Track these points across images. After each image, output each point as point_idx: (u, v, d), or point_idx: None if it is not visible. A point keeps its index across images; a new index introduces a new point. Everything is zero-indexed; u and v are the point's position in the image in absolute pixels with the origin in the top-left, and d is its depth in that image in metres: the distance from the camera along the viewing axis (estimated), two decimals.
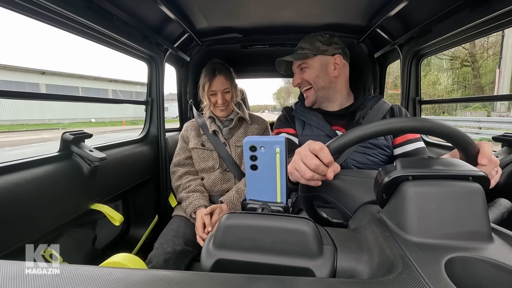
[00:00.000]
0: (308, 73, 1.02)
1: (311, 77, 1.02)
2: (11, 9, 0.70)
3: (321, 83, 1.01)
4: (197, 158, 1.31)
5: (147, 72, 1.40)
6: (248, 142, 0.43)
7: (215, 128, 1.31)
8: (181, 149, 1.35)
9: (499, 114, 13.58)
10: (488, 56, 18.34)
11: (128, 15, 1.00)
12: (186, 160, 1.33)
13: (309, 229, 0.33)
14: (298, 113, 1.08)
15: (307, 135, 1.01)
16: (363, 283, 0.28)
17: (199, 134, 1.35)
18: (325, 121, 1.00)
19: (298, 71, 1.06)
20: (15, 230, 0.70)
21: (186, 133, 1.37)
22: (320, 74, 1.01)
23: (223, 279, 0.28)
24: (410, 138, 0.94)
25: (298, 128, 1.05)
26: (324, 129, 0.99)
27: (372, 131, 0.48)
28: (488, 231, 0.34)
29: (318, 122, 1.01)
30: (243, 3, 1.09)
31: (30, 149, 8.89)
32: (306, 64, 1.02)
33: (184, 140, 1.36)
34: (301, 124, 1.05)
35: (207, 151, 1.31)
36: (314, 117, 1.02)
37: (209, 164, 1.29)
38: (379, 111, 0.99)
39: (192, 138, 1.34)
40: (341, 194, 0.54)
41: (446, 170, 0.38)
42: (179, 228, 1.12)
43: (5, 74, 18.50)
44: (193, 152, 1.33)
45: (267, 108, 76.21)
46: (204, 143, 1.32)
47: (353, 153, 0.95)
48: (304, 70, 1.03)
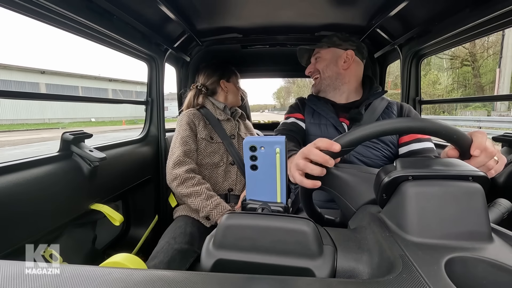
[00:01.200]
0: (320, 62, 1.10)
1: (320, 66, 1.09)
2: (11, 9, 0.70)
3: (328, 73, 1.07)
4: (203, 151, 1.23)
5: (147, 72, 1.40)
6: (248, 142, 0.43)
7: (229, 117, 1.35)
8: (190, 137, 1.19)
9: (499, 114, 13.57)
10: (488, 56, 18.33)
11: (128, 15, 1.00)
12: (193, 153, 1.19)
13: (309, 229, 0.33)
14: (310, 101, 1.13)
15: (315, 123, 1.06)
16: (363, 283, 0.28)
17: (207, 125, 1.28)
18: (334, 112, 1.04)
19: (313, 60, 1.14)
20: (15, 230, 0.70)
21: (194, 119, 1.24)
22: (329, 64, 1.07)
23: (223, 279, 0.28)
24: (418, 137, 0.94)
25: (307, 115, 1.09)
26: (331, 119, 1.02)
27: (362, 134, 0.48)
28: (488, 231, 0.34)
29: (327, 112, 1.04)
30: (243, 3, 1.08)
31: (30, 148, 8.89)
32: (320, 54, 1.10)
33: (191, 128, 1.22)
34: (310, 112, 1.10)
35: (215, 144, 1.26)
36: (325, 108, 1.06)
37: (215, 159, 1.24)
38: (377, 108, 1.02)
39: (200, 128, 1.25)
40: (347, 188, 0.52)
41: (446, 170, 0.38)
42: (186, 227, 1.09)
43: (5, 73, 18.50)
44: (201, 144, 1.23)
45: (267, 108, 76.16)
46: (212, 135, 1.27)
47: (358, 146, 0.95)
48: (318, 60, 1.11)
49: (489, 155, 0.48)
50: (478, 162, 0.48)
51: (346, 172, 0.54)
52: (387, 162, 0.97)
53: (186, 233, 1.06)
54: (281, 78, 45.85)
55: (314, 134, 1.04)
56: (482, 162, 0.48)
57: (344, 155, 0.50)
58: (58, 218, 0.84)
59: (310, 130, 1.05)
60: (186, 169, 1.12)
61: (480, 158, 0.47)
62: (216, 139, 1.27)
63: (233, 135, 1.31)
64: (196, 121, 1.25)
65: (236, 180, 1.28)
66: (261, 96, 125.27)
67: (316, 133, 1.04)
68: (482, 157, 0.47)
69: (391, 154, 0.98)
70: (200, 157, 1.23)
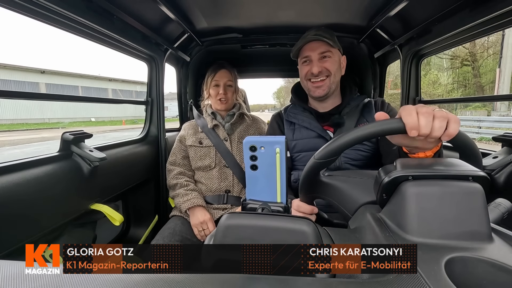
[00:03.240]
0: (331, 62, 0.98)
1: (333, 67, 0.98)
2: (11, 9, 0.70)
3: (337, 77, 1.01)
4: (194, 156, 1.31)
5: (147, 72, 1.40)
6: (248, 142, 0.43)
7: (216, 123, 1.32)
8: (177, 149, 1.34)
9: (499, 114, 13.57)
10: (488, 56, 18.32)
11: (128, 15, 1.00)
12: (182, 160, 1.32)
13: (309, 229, 0.33)
14: (290, 116, 1.08)
15: (297, 139, 1.03)
16: (363, 283, 0.28)
17: (197, 132, 1.34)
18: (316, 122, 1.02)
19: (318, 57, 0.98)
20: (15, 230, 0.70)
21: (184, 132, 1.36)
22: (338, 67, 1.01)
23: (223, 279, 0.28)
24: None
25: (288, 133, 1.06)
26: (316, 129, 1.00)
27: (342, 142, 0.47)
28: (488, 231, 0.34)
29: (310, 122, 1.02)
30: (243, 3, 1.08)
31: (30, 148, 8.89)
32: (331, 53, 0.98)
33: (180, 141, 1.35)
34: (291, 129, 1.06)
35: (205, 148, 1.30)
36: (306, 118, 1.03)
37: (206, 162, 1.29)
38: (355, 110, 1.01)
39: (189, 136, 1.33)
40: (340, 195, 0.54)
41: (446, 170, 0.38)
42: (175, 227, 1.13)
43: (4, 73, 18.49)
44: (190, 150, 1.32)
45: (267, 108, 76.12)
46: (202, 140, 1.32)
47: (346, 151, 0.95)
48: (327, 59, 0.98)
49: (427, 126, 0.41)
50: (425, 142, 0.44)
51: (337, 179, 0.56)
52: (378, 159, 0.98)
53: (175, 233, 1.09)
54: (281, 78, 45.87)
55: (300, 150, 1.02)
56: (429, 137, 0.42)
57: (330, 164, 0.51)
58: (58, 218, 0.84)
59: (296, 147, 1.03)
60: (173, 174, 1.28)
61: (421, 136, 0.42)
62: (206, 143, 1.31)
63: (225, 138, 1.32)
64: (186, 132, 1.36)
65: (233, 182, 1.29)
66: (261, 96, 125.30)
67: (302, 148, 1.01)
68: (424, 132, 0.41)
69: (375, 150, 0.98)
70: (192, 162, 1.32)
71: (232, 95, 1.33)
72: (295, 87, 1.16)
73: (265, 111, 59.06)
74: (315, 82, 1.00)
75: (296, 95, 1.13)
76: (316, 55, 0.98)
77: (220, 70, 1.30)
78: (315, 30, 0.98)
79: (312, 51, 0.98)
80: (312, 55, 0.99)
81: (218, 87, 1.30)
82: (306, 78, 1.02)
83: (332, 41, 0.96)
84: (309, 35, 0.99)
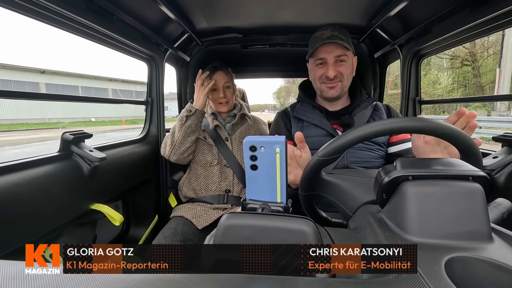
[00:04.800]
0: (346, 67, 0.96)
1: (347, 71, 0.97)
2: (11, 9, 0.70)
3: (349, 80, 1.01)
4: (197, 148, 1.31)
5: (147, 72, 1.40)
6: (248, 142, 0.43)
7: (217, 123, 1.31)
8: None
9: (499, 114, 13.57)
10: (488, 56, 18.32)
11: (128, 15, 1.00)
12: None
13: (309, 229, 0.33)
14: (299, 113, 1.06)
15: (306, 137, 1.00)
16: (363, 283, 0.28)
17: (202, 131, 1.34)
18: (327, 120, 1.01)
19: (334, 60, 0.95)
20: (15, 230, 0.70)
21: None
22: (351, 70, 1.00)
23: (223, 279, 0.28)
24: (408, 137, 0.94)
25: (297, 131, 1.04)
26: (326, 127, 1.00)
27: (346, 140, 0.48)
28: (488, 231, 0.34)
29: (320, 121, 1.01)
30: (243, 3, 1.08)
31: (30, 148, 8.90)
32: (346, 57, 0.96)
33: None
34: (299, 126, 1.04)
35: (208, 144, 1.31)
36: (317, 116, 1.02)
37: (208, 158, 1.29)
38: (365, 112, 1.01)
39: None
40: (341, 193, 0.54)
41: (446, 170, 0.38)
42: (177, 226, 1.13)
43: (5, 73, 18.49)
44: (197, 142, 1.31)
45: (267, 108, 76.12)
46: (206, 136, 1.32)
47: (353, 150, 0.95)
48: (342, 63, 0.96)
49: None
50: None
51: (339, 178, 0.56)
52: (384, 162, 0.98)
53: (177, 233, 1.09)
54: (281, 78, 45.91)
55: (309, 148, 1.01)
56: None
57: (332, 162, 0.51)
58: (58, 218, 0.84)
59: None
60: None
61: None
62: (209, 141, 1.31)
63: (226, 138, 1.32)
64: None
65: (233, 182, 1.29)
66: (261, 96, 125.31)
67: (311, 146, 0.97)
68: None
69: (386, 154, 0.98)
70: (195, 152, 1.31)
71: (231, 95, 1.33)
72: (303, 84, 1.16)
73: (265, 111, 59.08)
74: (328, 83, 0.99)
75: (304, 92, 1.13)
76: (332, 58, 0.95)
77: (216, 72, 1.26)
78: (331, 30, 0.95)
79: (327, 54, 0.95)
80: (327, 58, 0.96)
81: (217, 91, 1.28)
82: (321, 81, 1.00)
83: (347, 42, 0.95)
84: (324, 35, 0.95)
